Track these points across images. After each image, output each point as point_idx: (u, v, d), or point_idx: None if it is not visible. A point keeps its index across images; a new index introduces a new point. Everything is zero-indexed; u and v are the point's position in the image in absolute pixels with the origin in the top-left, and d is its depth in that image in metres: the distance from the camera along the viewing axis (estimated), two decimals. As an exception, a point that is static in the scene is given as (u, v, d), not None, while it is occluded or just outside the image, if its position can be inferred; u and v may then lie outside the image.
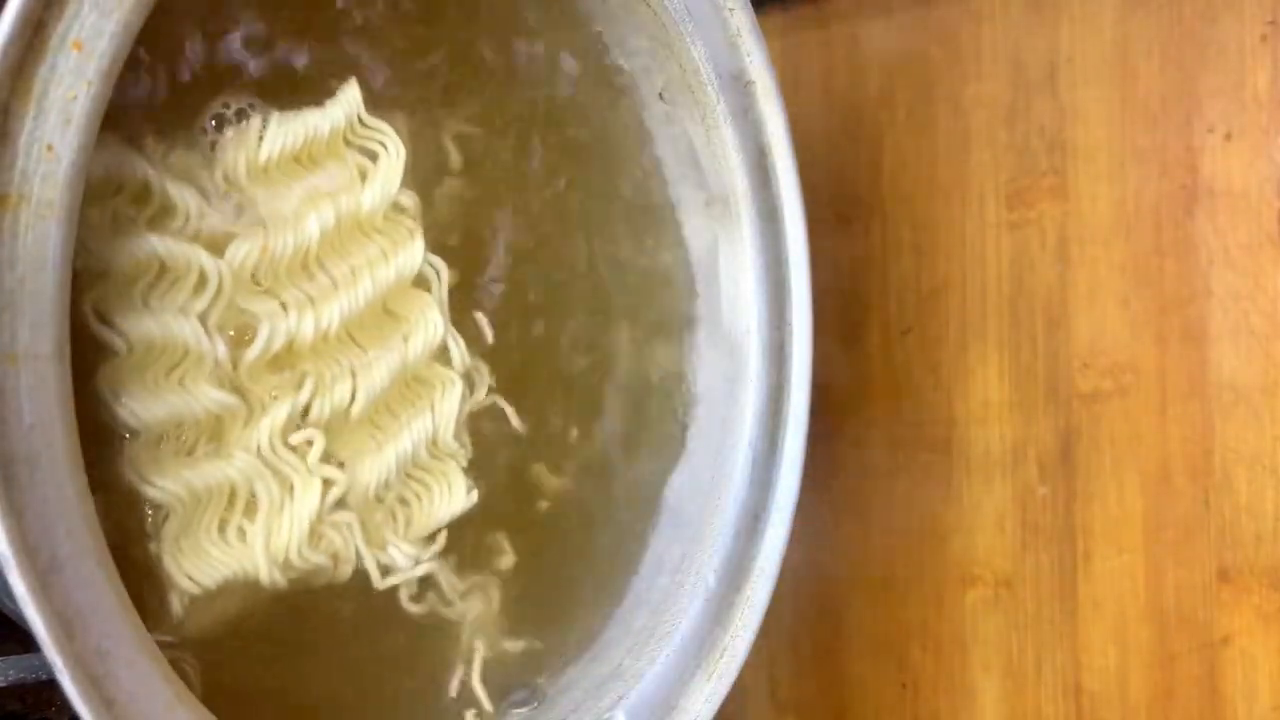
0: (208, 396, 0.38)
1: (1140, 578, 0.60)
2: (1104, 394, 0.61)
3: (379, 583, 0.42)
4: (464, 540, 0.46)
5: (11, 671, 0.38)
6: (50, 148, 0.31)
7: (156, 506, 0.37)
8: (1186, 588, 0.58)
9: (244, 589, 0.39)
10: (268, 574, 0.39)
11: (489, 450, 0.47)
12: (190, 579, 0.38)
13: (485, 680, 0.46)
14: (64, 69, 0.31)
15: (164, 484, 0.37)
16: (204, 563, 0.38)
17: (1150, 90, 0.60)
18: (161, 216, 0.37)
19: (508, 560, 0.48)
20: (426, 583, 0.44)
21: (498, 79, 0.48)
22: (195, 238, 0.38)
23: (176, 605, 0.38)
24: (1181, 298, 0.59)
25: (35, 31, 0.31)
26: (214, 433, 0.39)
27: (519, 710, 0.47)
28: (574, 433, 0.51)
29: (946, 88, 0.67)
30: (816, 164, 0.53)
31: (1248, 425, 0.57)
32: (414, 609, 0.44)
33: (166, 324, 0.37)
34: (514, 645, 0.48)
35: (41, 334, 0.31)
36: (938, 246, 0.67)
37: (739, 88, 0.51)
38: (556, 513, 0.50)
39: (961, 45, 0.66)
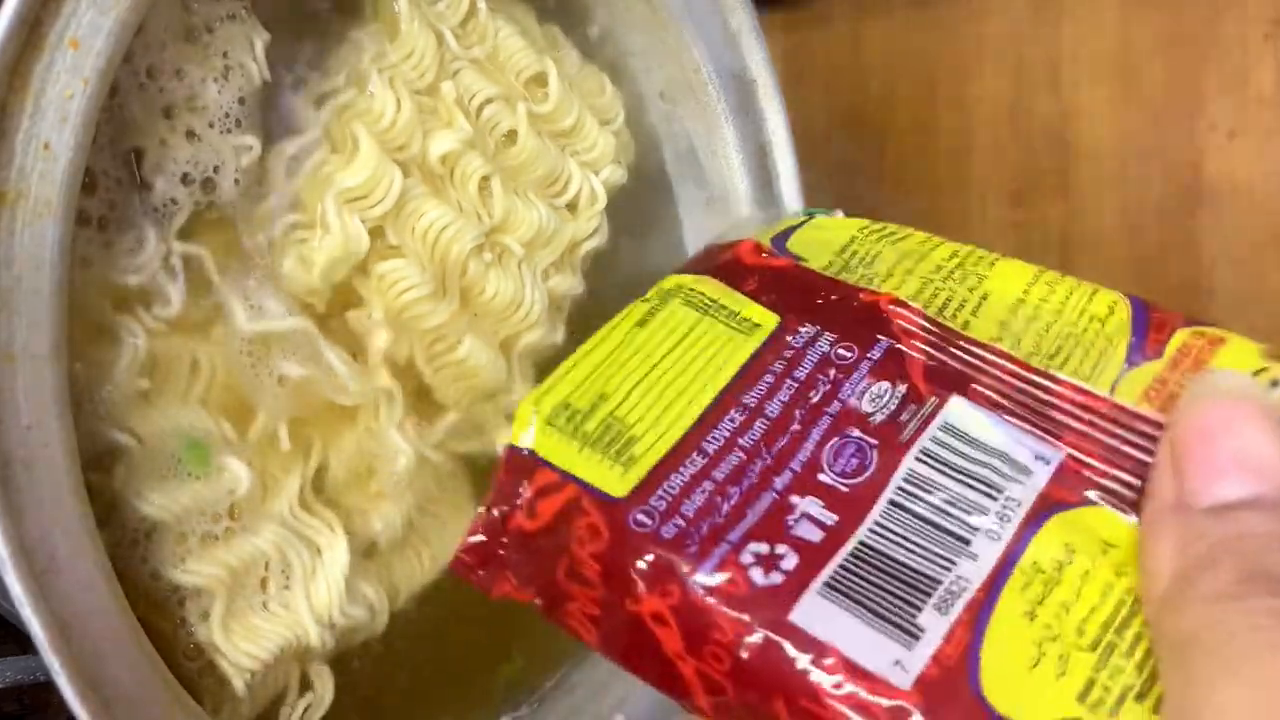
0: (229, 470, 0.38)
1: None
2: (1106, 394, 0.61)
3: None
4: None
5: (9, 673, 0.38)
6: (47, 145, 0.31)
7: (198, 593, 0.37)
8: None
9: (298, 655, 0.40)
10: (318, 636, 0.39)
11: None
12: (249, 655, 0.37)
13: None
14: (61, 67, 0.31)
15: (200, 568, 0.37)
16: (257, 637, 0.38)
17: (1153, 89, 0.60)
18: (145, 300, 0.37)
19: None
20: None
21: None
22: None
23: (240, 686, 0.37)
24: (1184, 297, 0.59)
25: (32, 29, 0.30)
26: (235, 513, 0.39)
27: (518, 713, 0.47)
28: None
29: (948, 87, 0.67)
30: (817, 163, 0.53)
31: (1251, 425, 0.57)
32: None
33: (172, 416, 0.37)
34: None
35: (38, 333, 0.31)
36: (939, 246, 0.67)
37: (739, 87, 0.51)
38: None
39: (963, 44, 0.66)
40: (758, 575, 0.30)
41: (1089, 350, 0.34)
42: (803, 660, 0.29)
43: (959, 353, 0.34)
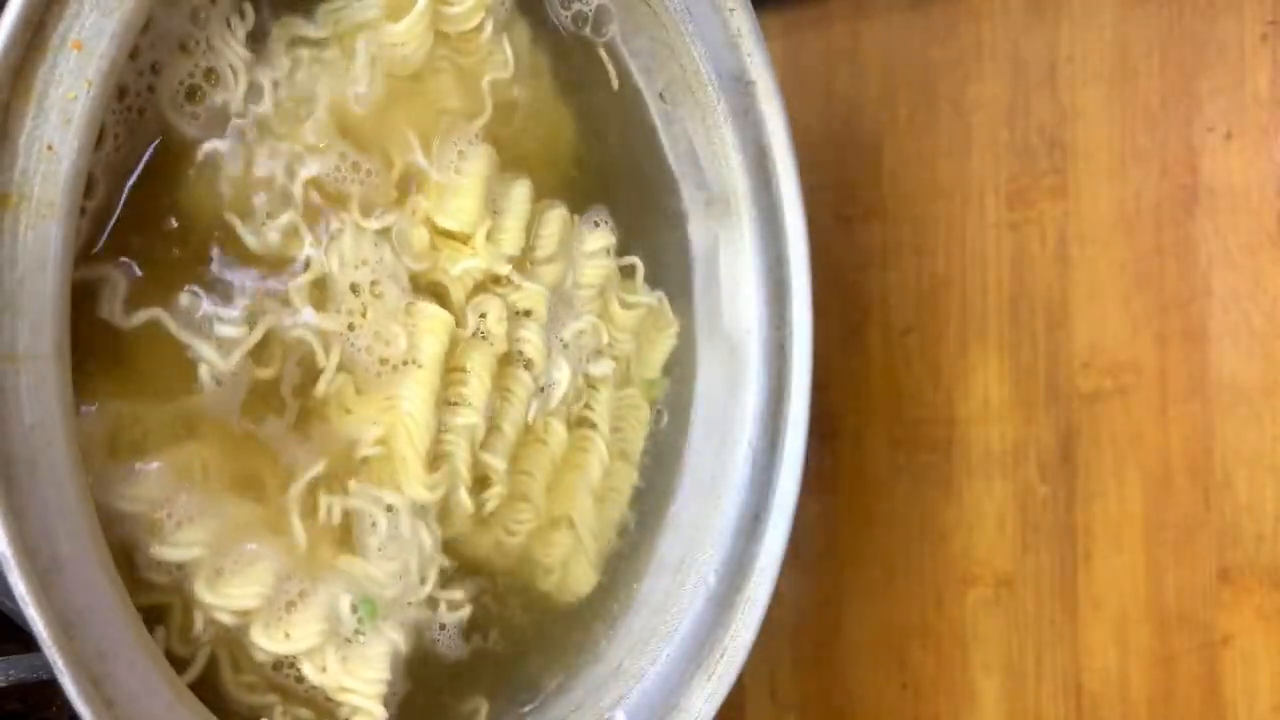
0: None
1: (1141, 578, 0.60)
2: (1104, 393, 0.61)
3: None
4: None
5: (12, 671, 0.38)
6: (51, 147, 0.31)
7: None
8: (1187, 587, 0.58)
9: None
10: None
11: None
12: None
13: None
14: (64, 69, 0.31)
15: None
16: None
17: (1150, 90, 0.60)
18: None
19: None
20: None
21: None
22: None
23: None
24: (1182, 297, 0.59)
25: (36, 32, 0.31)
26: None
27: (521, 709, 0.47)
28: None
29: (947, 88, 0.67)
30: (817, 164, 0.53)
31: (1248, 425, 0.57)
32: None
33: None
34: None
35: (41, 334, 0.31)
36: (938, 246, 0.67)
37: (739, 88, 0.51)
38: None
39: (961, 45, 0.66)
40: None
41: None
42: None
43: None
